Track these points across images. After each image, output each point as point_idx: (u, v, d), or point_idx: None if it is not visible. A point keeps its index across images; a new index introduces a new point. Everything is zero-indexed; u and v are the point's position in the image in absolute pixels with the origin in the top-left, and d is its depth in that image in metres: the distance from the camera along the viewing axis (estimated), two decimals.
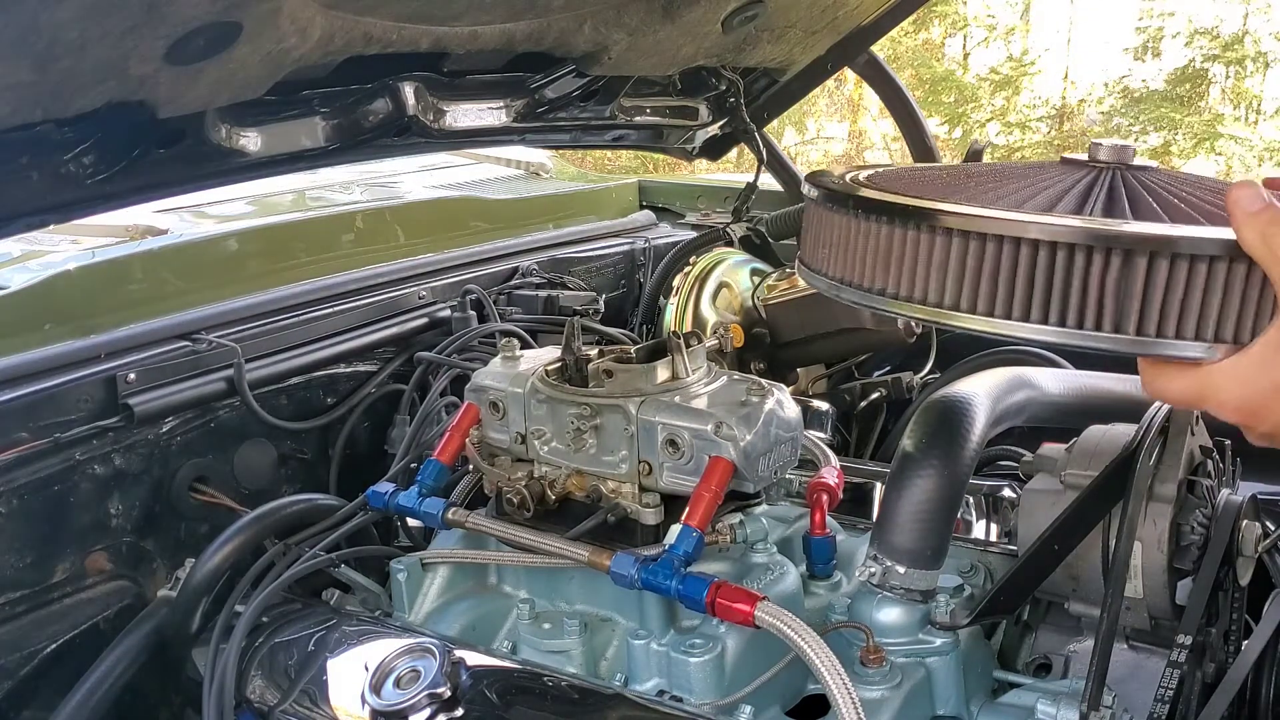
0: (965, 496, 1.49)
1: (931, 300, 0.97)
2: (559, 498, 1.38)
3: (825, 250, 1.09)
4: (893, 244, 0.99)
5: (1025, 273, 0.91)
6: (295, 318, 1.92)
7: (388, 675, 1.26)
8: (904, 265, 0.98)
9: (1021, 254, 0.91)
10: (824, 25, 2.13)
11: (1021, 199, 1.01)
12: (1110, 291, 0.88)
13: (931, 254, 0.96)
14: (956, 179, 1.15)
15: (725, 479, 1.27)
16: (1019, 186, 1.04)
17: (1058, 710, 1.22)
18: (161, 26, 1.10)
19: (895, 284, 0.99)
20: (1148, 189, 1.01)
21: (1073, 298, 0.90)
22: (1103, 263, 0.88)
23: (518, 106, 1.85)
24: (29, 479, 1.54)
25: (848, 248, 1.04)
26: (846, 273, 1.04)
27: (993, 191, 1.04)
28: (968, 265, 0.94)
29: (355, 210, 2.37)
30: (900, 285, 0.99)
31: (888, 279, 1.00)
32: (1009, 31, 11.53)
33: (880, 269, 1.01)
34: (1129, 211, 0.96)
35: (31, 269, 1.89)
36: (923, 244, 0.96)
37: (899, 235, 0.98)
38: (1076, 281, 0.89)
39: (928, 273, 0.96)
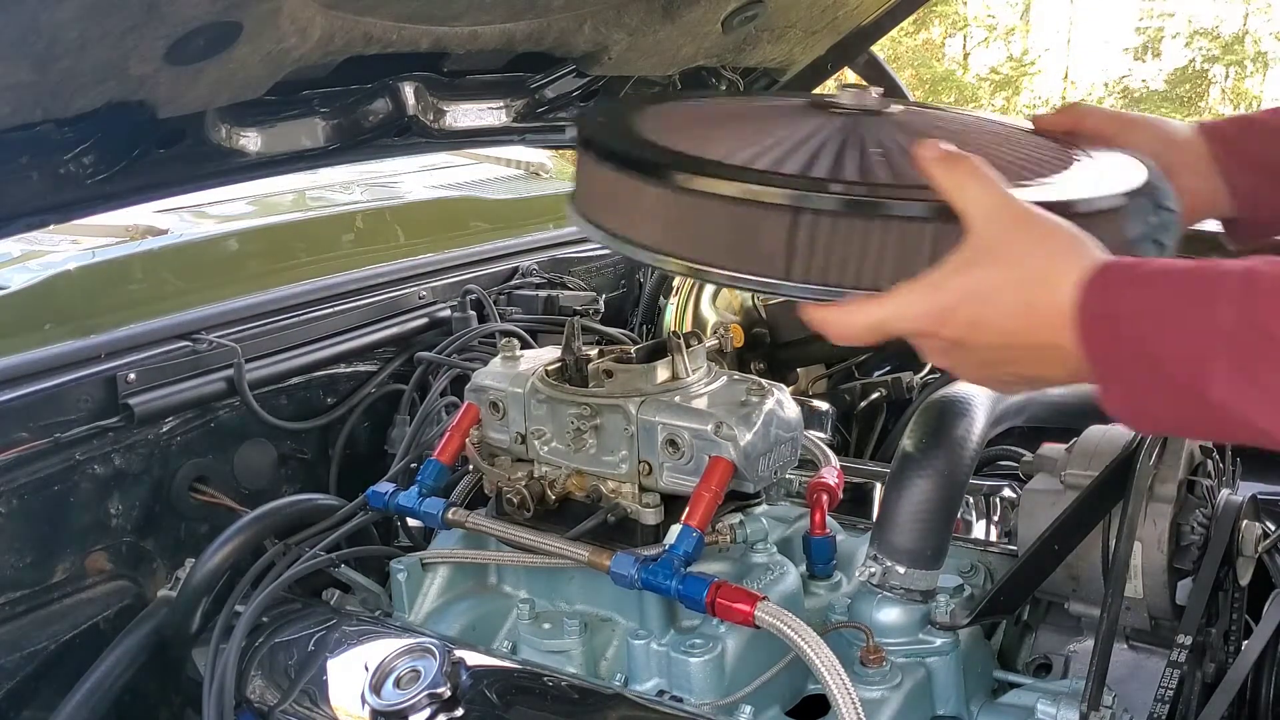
0: (965, 496, 1.49)
1: (669, 250, 1.01)
2: (559, 498, 1.38)
3: (589, 199, 1.12)
4: (634, 195, 1.03)
5: (756, 230, 0.96)
6: (295, 318, 1.92)
7: (388, 675, 1.26)
8: (649, 215, 1.03)
9: (752, 213, 0.96)
10: (824, 25, 2.13)
11: (767, 147, 1.04)
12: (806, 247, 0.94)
13: (666, 209, 1.01)
14: (723, 119, 1.18)
15: (725, 479, 1.27)
16: (771, 133, 1.08)
17: (1058, 710, 1.22)
18: (161, 26, 1.11)
19: (648, 235, 1.03)
20: (891, 138, 1.06)
21: (777, 251, 0.95)
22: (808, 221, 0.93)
23: (518, 106, 1.85)
24: (29, 479, 1.54)
25: (605, 196, 1.08)
26: (604, 220, 1.08)
27: (747, 138, 1.08)
28: (700, 222, 0.99)
29: (355, 210, 2.38)
30: (647, 235, 1.03)
31: (631, 226, 1.04)
32: (1009, 31, 11.55)
33: (625, 216, 1.05)
34: (857, 160, 1.02)
35: (31, 269, 1.89)
36: (658, 199, 1.01)
37: (640, 188, 1.02)
38: (779, 238, 0.95)
39: (666, 225, 1.01)
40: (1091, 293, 0.83)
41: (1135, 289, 0.82)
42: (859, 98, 1.14)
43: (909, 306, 0.90)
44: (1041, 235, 0.88)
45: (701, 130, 1.14)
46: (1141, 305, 0.81)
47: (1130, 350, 0.81)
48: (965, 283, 0.88)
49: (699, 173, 0.99)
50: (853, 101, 1.14)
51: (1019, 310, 0.86)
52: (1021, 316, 0.86)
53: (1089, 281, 0.83)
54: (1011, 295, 0.86)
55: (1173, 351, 0.78)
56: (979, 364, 0.93)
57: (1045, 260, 0.86)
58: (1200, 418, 0.81)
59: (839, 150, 1.04)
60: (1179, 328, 0.78)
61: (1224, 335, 0.76)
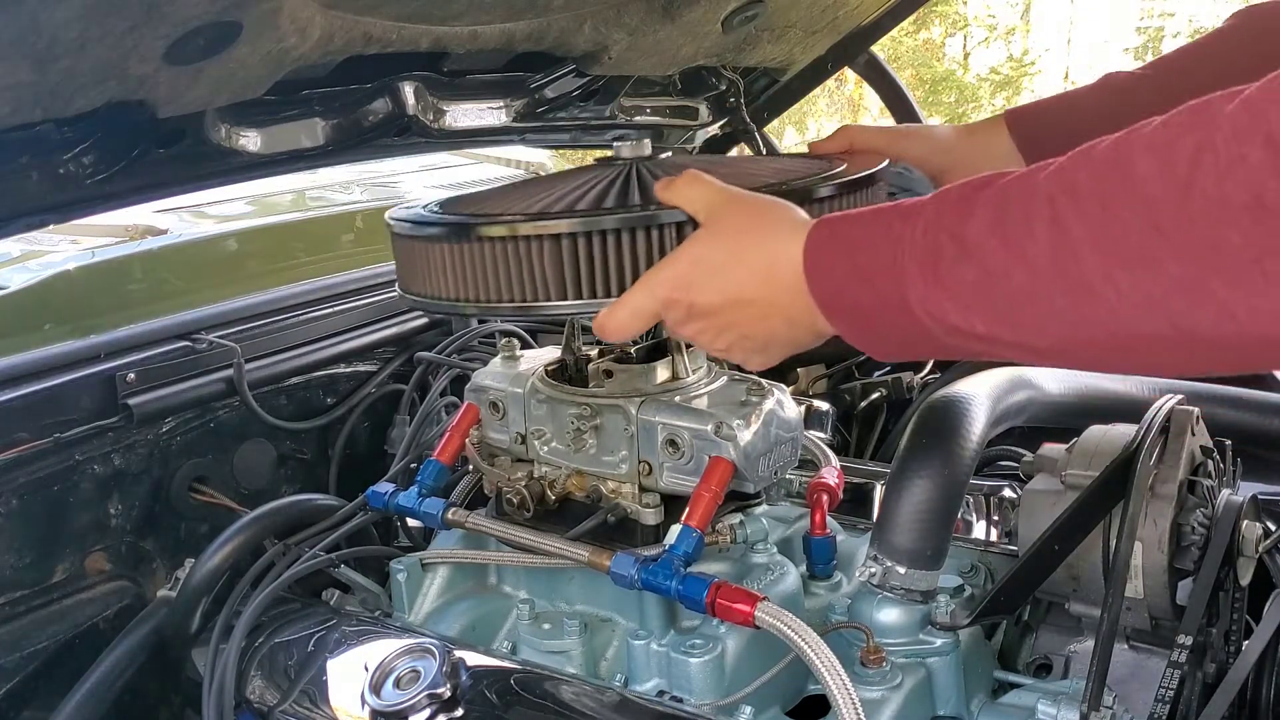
0: (966, 497, 1.49)
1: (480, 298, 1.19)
2: (559, 498, 1.38)
3: (415, 275, 1.29)
4: (459, 257, 1.20)
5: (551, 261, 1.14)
6: (295, 318, 1.93)
7: (387, 675, 1.26)
8: (475, 273, 1.19)
9: (542, 248, 1.14)
10: (824, 25, 2.13)
11: (554, 199, 1.23)
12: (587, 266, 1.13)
13: (452, 262, 1.19)
14: (512, 191, 1.38)
15: (725, 479, 1.27)
16: (563, 189, 1.26)
17: (1058, 710, 1.21)
18: (161, 26, 1.10)
19: (468, 291, 1.20)
20: (659, 175, 1.21)
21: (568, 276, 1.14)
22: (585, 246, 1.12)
23: (518, 106, 1.84)
24: (29, 479, 1.55)
25: (430, 269, 1.24)
26: (434, 290, 1.25)
27: (532, 198, 1.26)
28: (511, 264, 1.16)
29: (355, 210, 2.38)
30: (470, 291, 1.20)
31: (465, 289, 1.20)
32: (1009, 31, 11.54)
33: (457, 281, 1.21)
34: (639, 192, 1.21)
35: (31, 269, 1.89)
36: (474, 253, 1.18)
37: (458, 249, 1.20)
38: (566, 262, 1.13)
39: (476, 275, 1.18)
40: (814, 233, 0.95)
41: (849, 219, 0.94)
42: (634, 149, 1.33)
43: (652, 278, 1.05)
44: (756, 204, 1.04)
45: (488, 197, 1.34)
46: (853, 230, 0.92)
47: (844, 269, 0.91)
48: (694, 250, 1.03)
49: (482, 224, 1.17)
50: (629, 153, 1.33)
51: (760, 268, 0.98)
52: (761, 273, 0.98)
53: (813, 226, 0.96)
54: (751, 255, 0.98)
55: (876, 264, 0.88)
56: (717, 328, 1.04)
57: (771, 222, 1.00)
58: (911, 329, 0.88)
59: (604, 190, 1.24)
60: (882, 244, 0.88)
61: (914, 244, 0.85)
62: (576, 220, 1.12)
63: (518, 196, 1.31)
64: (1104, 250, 0.75)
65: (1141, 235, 0.73)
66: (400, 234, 1.28)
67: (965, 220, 0.83)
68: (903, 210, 0.89)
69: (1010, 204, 0.81)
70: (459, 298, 1.21)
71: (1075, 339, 0.80)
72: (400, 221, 1.28)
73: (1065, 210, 0.77)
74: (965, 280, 0.83)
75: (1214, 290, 0.71)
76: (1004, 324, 0.83)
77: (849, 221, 0.94)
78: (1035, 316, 0.81)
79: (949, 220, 0.84)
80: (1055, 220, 0.77)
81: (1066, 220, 0.77)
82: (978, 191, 0.84)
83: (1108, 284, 0.75)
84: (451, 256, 1.20)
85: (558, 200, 1.24)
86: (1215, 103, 0.72)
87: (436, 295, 1.24)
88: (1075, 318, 0.78)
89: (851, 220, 0.94)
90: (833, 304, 0.94)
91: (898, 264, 0.87)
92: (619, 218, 1.12)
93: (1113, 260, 0.74)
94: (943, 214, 0.85)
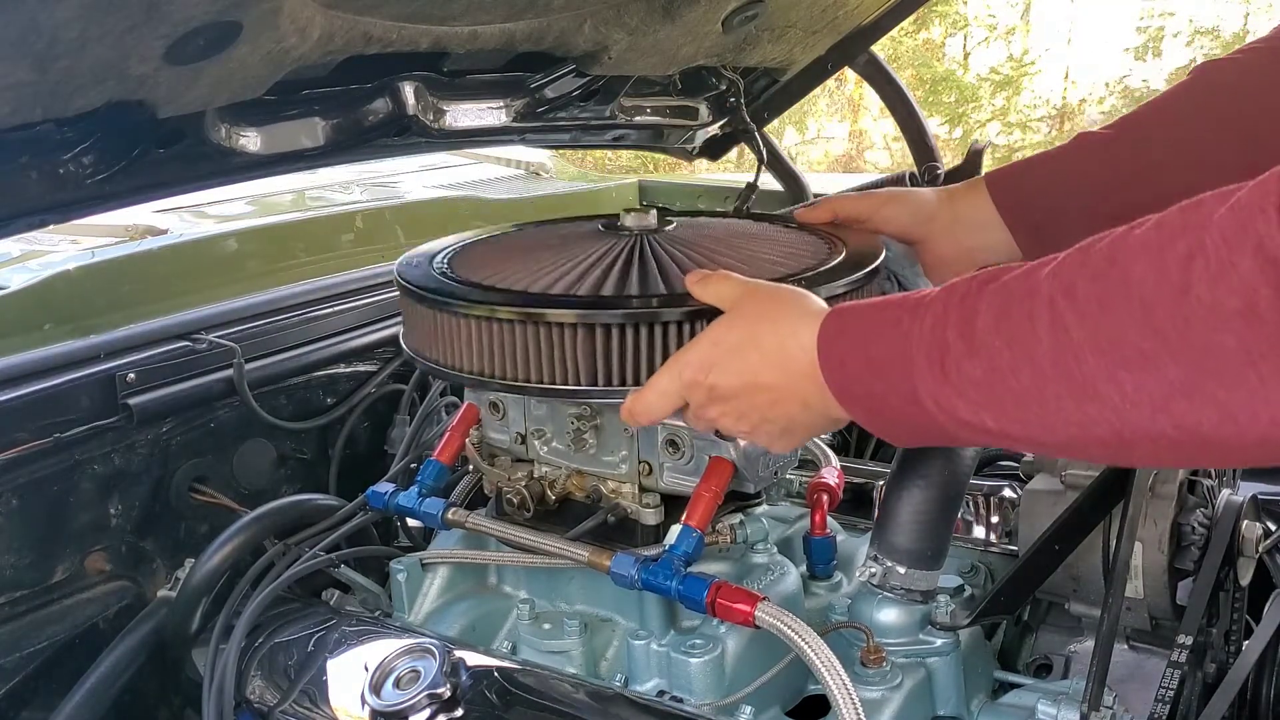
0: (966, 497, 1.49)
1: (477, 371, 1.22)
2: (559, 498, 1.38)
3: (415, 333, 1.31)
4: (454, 328, 1.23)
5: (550, 346, 1.17)
6: (295, 317, 1.92)
7: (387, 676, 1.26)
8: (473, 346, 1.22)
9: (547, 332, 1.17)
10: (824, 25, 2.13)
11: (563, 271, 1.26)
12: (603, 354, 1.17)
13: (474, 335, 1.21)
14: (517, 251, 1.39)
15: (725, 479, 1.27)
16: (567, 256, 1.30)
17: (1058, 711, 1.21)
18: (161, 26, 1.10)
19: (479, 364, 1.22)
20: (667, 250, 1.30)
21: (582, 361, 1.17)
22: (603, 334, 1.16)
23: (518, 106, 1.84)
24: (29, 479, 1.54)
25: (432, 333, 1.27)
26: (437, 355, 1.27)
27: (542, 264, 1.29)
28: (511, 343, 1.19)
29: (355, 210, 2.37)
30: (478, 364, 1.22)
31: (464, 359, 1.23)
32: (1009, 31, 11.52)
33: (460, 352, 1.23)
34: (658, 277, 1.24)
35: (31, 269, 1.89)
36: (466, 328, 1.22)
37: (450, 321, 1.23)
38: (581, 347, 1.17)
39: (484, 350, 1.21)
40: (827, 323, 0.99)
41: (860, 310, 0.97)
42: (639, 220, 1.38)
43: (677, 361, 1.09)
44: (773, 293, 1.09)
45: (505, 261, 1.34)
46: (864, 323, 0.96)
47: (858, 361, 0.95)
48: (714, 333, 1.08)
49: (506, 304, 1.20)
50: (635, 224, 1.37)
51: (774, 353, 1.02)
52: (775, 357, 1.02)
53: (826, 316, 1.00)
54: (767, 341, 1.03)
55: (887, 357, 0.91)
56: (739, 412, 1.07)
57: (787, 310, 1.04)
58: (924, 421, 0.91)
59: (625, 267, 1.27)
60: (892, 337, 0.91)
61: (923, 339, 0.88)
62: (620, 312, 1.16)
63: (528, 261, 1.32)
64: (1104, 352, 0.76)
65: (1140, 337, 0.74)
66: (422, 299, 1.27)
67: (971, 319, 0.85)
68: (911, 304, 0.91)
69: (1013, 304, 0.82)
70: (482, 373, 1.22)
71: (1084, 438, 0.82)
72: (423, 289, 1.27)
73: (1065, 312, 0.78)
74: (973, 378, 0.85)
75: (1213, 393, 0.72)
76: (1013, 421, 0.85)
77: (860, 315, 0.97)
78: (1043, 415, 0.82)
79: (955, 317, 0.86)
80: (1056, 322, 0.79)
81: (1067, 322, 0.78)
82: (983, 287, 0.86)
83: (1110, 385, 0.77)
84: (473, 331, 1.21)
85: (573, 271, 1.26)
86: (1206, 205, 0.73)
87: (457, 367, 1.25)
88: (1081, 418, 0.80)
89: (862, 313, 0.97)
90: (847, 394, 0.97)
91: (907, 358, 0.89)
92: (662, 310, 1.16)
93: (1114, 361, 0.76)
94: (949, 310, 0.87)
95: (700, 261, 1.28)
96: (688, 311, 1.15)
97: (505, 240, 1.54)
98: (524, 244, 1.46)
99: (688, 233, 1.40)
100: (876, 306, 0.96)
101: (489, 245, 1.50)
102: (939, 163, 2.34)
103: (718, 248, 1.34)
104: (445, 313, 1.24)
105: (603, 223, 1.44)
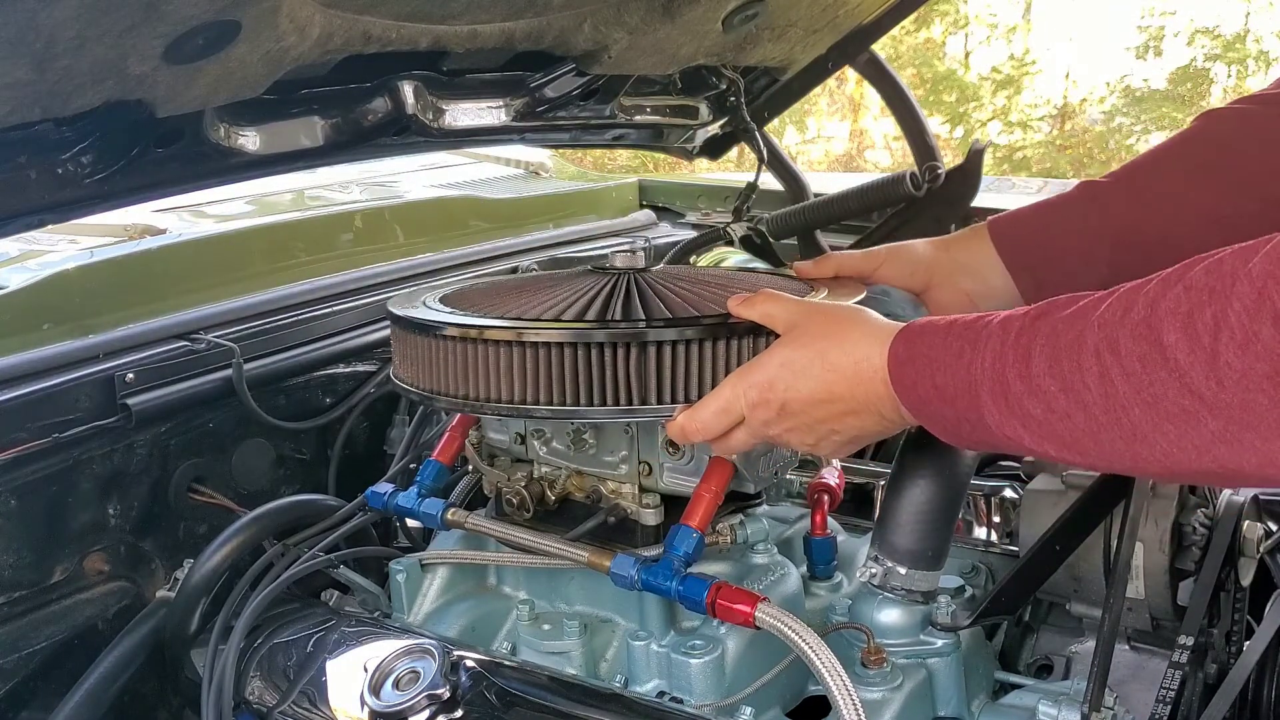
0: (966, 497, 1.49)
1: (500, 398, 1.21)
2: (559, 498, 1.38)
3: (409, 365, 1.31)
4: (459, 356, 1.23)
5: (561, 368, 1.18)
6: (294, 317, 1.92)
7: (387, 676, 1.26)
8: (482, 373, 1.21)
9: (559, 355, 1.18)
10: (825, 24, 2.13)
11: (561, 307, 1.26)
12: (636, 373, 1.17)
13: (493, 361, 1.20)
14: (511, 292, 1.38)
15: (726, 480, 1.27)
16: (559, 294, 1.31)
17: (1059, 711, 1.21)
18: (160, 25, 1.10)
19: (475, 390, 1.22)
20: (654, 287, 1.32)
21: (594, 384, 1.17)
22: (624, 353, 1.17)
23: (517, 105, 1.84)
24: (28, 479, 1.54)
25: (426, 363, 1.27)
26: (430, 384, 1.27)
27: (537, 301, 1.29)
28: (526, 367, 1.19)
29: (355, 210, 2.37)
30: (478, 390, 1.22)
31: (467, 387, 1.23)
32: (1010, 30, 11.52)
33: (459, 379, 1.23)
34: (640, 309, 1.25)
35: (31, 269, 1.89)
36: (479, 353, 1.21)
37: (454, 348, 1.23)
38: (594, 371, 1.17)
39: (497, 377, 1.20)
40: (897, 343, 1.04)
41: (925, 337, 1.02)
42: (629, 260, 1.40)
43: (739, 382, 1.12)
44: (834, 312, 1.14)
45: (504, 298, 1.35)
46: (930, 350, 1.01)
47: (927, 386, 1.00)
48: (782, 354, 1.11)
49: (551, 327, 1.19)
50: (624, 264, 1.39)
51: (847, 369, 1.07)
52: (848, 374, 1.07)
53: (897, 335, 1.05)
54: (838, 359, 1.07)
55: (954, 387, 0.98)
56: (808, 425, 1.11)
57: (851, 329, 1.09)
58: (994, 442, 0.99)
59: (625, 297, 1.29)
60: (957, 368, 0.97)
61: (985, 374, 0.95)
62: (670, 330, 1.18)
63: (518, 298, 1.32)
64: (1148, 405, 0.83)
65: (1179, 395, 0.81)
66: (450, 337, 1.24)
67: (1026, 359, 0.92)
68: (971, 335, 0.98)
69: (1062, 352, 0.89)
70: (516, 400, 1.21)
71: (1139, 468, 0.90)
72: (455, 325, 1.25)
73: (1111, 367, 0.85)
74: (1034, 416, 0.92)
75: (1251, 443, 0.79)
76: (1074, 454, 0.92)
77: (926, 341, 1.02)
78: (1099, 451, 0.89)
79: (1013, 357, 0.93)
80: (1104, 375, 0.86)
81: (1113, 377, 0.85)
82: (1035, 324, 0.93)
83: (1157, 433, 0.84)
84: (507, 358, 1.20)
85: (573, 305, 1.28)
86: (1227, 266, 0.80)
87: (494, 398, 1.22)
88: (1133, 457, 0.87)
89: (928, 339, 1.02)
90: (922, 413, 1.04)
91: (973, 392, 0.96)
92: (708, 326, 1.18)
93: (1158, 415, 0.83)
94: (1006, 349, 0.94)
95: (687, 297, 1.28)
96: (729, 328, 1.18)
97: (498, 286, 1.51)
98: (515, 288, 1.45)
99: (680, 271, 1.42)
100: (940, 332, 1.01)
101: (481, 289, 1.48)
102: (939, 162, 2.34)
103: (709, 286, 1.35)
104: (472, 344, 1.22)
105: (591, 265, 1.46)
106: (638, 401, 1.18)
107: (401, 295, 1.43)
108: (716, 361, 1.17)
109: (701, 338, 1.17)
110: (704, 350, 1.17)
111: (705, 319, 1.20)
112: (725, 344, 1.17)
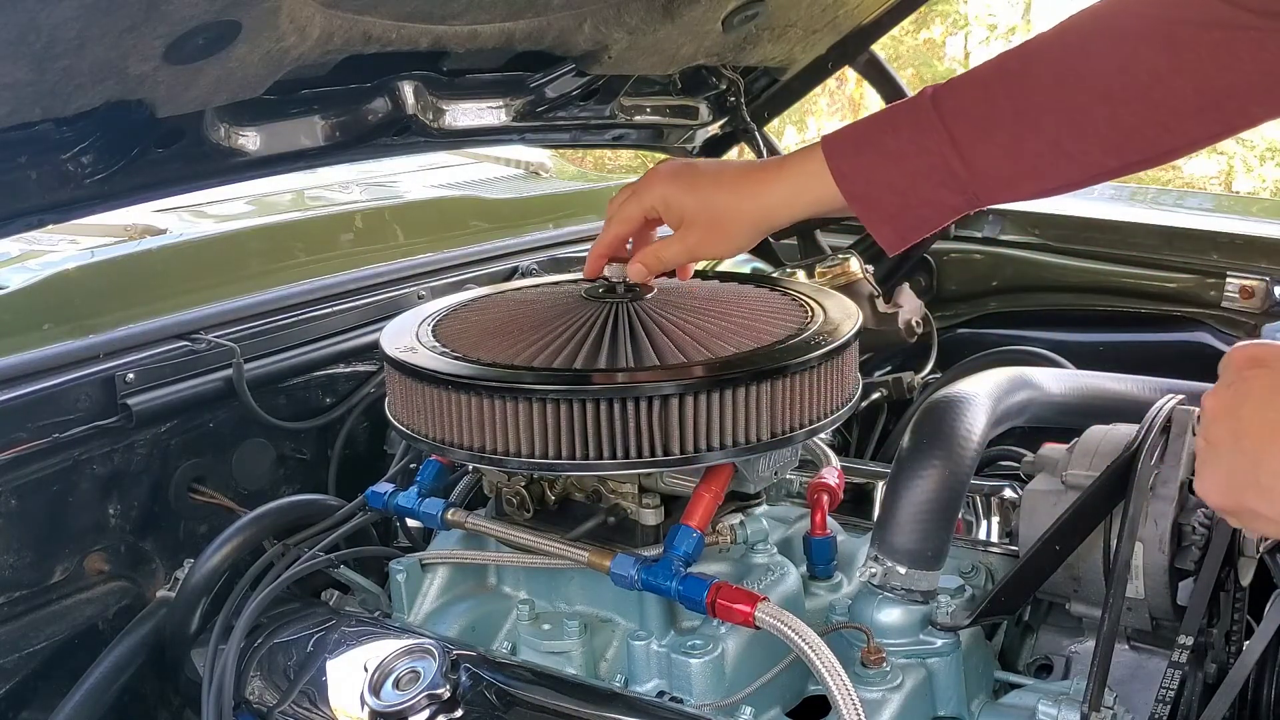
0: (966, 497, 1.49)
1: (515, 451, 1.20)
2: (559, 498, 1.38)
3: (404, 408, 1.29)
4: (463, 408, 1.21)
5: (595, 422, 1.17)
6: (294, 317, 1.92)
7: (387, 676, 1.26)
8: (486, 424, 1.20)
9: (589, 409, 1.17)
10: (825, 24, 2.13)
11: (561, 341, 1.26)
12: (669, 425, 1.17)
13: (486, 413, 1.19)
14: (500, 321, 1.37)
15: (726, 480, 1.27)
16: (556, 326, 1.29)
17: (1059, 711, 1.21)
18: (160, 25, 1.10)
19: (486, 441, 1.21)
20: (656, 320, 1.30)
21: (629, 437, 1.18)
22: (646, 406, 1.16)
23: (517, 105, 1.84)
24: (28, 479, 1.54)
25: (428, 411, 1.25)
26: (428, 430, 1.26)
27: (537, 338, 1.27)
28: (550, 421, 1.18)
29: (354, 210, 2.37)
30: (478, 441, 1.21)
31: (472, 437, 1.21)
32: (1010, 31, 11.52)
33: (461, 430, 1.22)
34: (649, 348, 1.24)
35: (31, 269, 1.89)
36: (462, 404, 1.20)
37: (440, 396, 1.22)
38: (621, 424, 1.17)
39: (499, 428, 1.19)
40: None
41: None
42: (618, 272, 1.36)
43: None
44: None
45: (497, 335, 1.32)
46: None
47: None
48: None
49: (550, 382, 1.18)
50: (616, 275, 1.36)
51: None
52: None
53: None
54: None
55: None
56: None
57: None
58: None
59: (631, 336, 1.27)
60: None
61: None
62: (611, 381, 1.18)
63: (516, 334, 1.30)
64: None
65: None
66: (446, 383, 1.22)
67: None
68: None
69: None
70: (541, 455, 1.19)
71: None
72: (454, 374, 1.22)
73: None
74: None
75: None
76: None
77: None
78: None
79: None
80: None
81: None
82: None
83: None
84: (512, 410, 1.18)
85: (570, 344, 1.25)
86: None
87: (524, 452, 1.20)
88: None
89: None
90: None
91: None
92: (730, 376, 1.18)
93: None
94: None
95: (690, 330, 1.27)
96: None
97: (486, 310, 1.48)
98: (503, 314, 1.42)
99: (670, 297, 1.39)
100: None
101: (469, 315, 1.45)
102: None
103: (706, 314, 1.33)
104: (467, 393, 1.20)
105: (585, 290, 1.40)
106: (660, 453, 1.18)
107: (393, 326, 1.39)
108: (737, 408, 1.18)
109: (722, 387, 1.17)
110: (724, 398, 1.17)
111: (727, 371, 1.18)
112: (747, 390, 1.17)
